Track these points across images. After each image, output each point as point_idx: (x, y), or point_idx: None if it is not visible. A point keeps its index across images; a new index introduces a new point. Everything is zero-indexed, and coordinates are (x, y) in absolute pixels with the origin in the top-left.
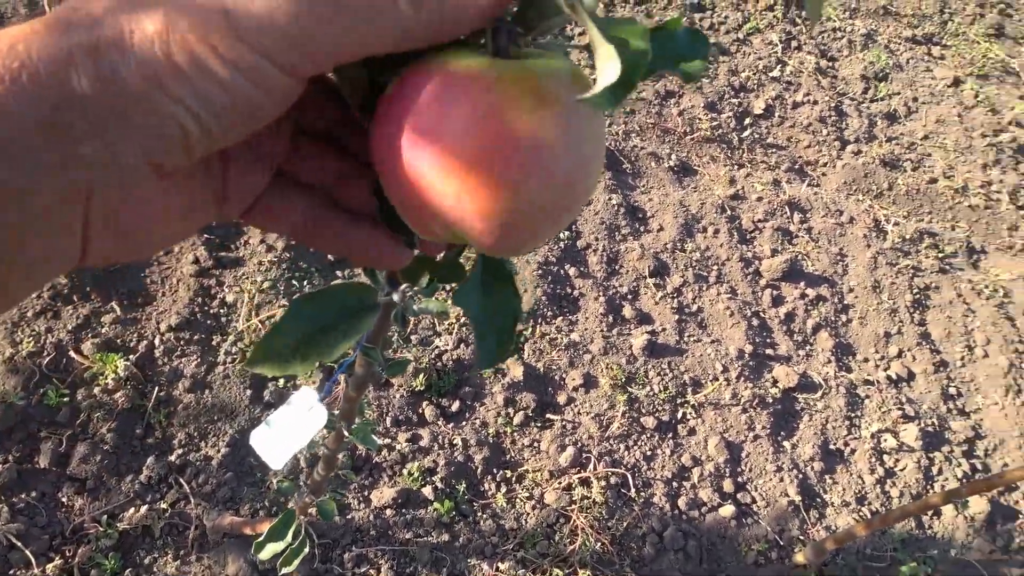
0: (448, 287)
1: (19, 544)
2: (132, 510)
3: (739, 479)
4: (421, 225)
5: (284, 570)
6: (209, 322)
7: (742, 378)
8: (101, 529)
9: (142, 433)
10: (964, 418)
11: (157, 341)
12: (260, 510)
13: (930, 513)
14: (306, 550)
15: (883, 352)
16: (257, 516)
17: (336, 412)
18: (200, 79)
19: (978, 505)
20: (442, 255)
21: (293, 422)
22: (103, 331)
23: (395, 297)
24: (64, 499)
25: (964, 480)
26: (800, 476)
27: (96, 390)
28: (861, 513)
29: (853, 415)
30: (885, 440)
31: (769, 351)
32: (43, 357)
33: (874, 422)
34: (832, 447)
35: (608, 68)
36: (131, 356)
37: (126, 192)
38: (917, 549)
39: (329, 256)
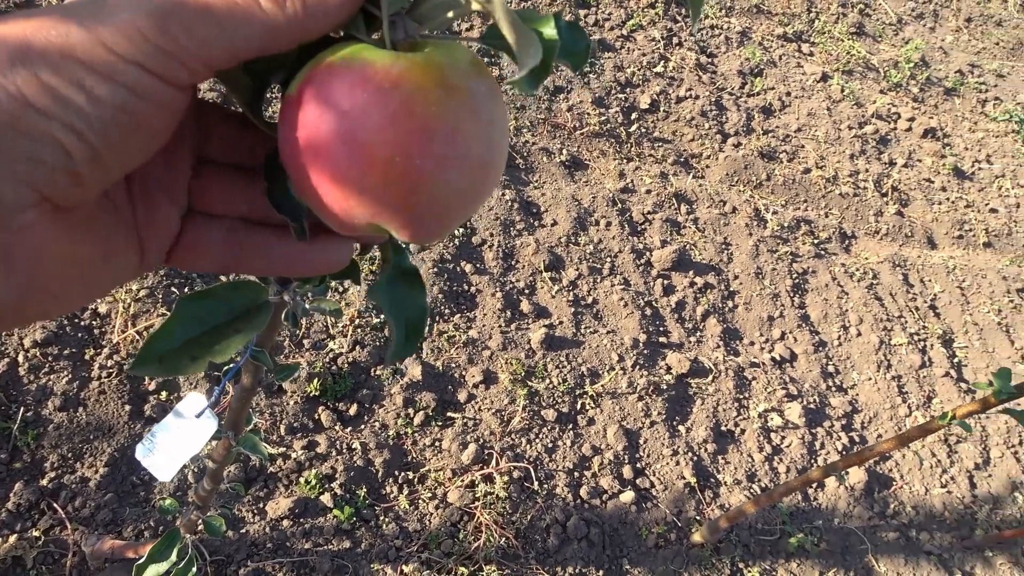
0: (341, 286)
1: None
2: (2, 540)
3: (637, 465)
4: (340, 223)
5: None
6: (80, 335)
7: (637, 366)
8: None
9: (7, 457)
10: (842, 394)
11: (21, 358)
12: (145, 531)
13: (814, 486)
14: (193, 570)
15: (767, 335)
16: (142, 538)
17: (222, 421)
18: (72, 93)
19: (857, 476)
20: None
21: (182, 432)
22: None
23: (286, 297)
24: None
25: (844, 452)
26: (695, 458)
27: None
28: (752, 490)
29: (742, 397)
30: (772, 419)
31: (662, 339)
32: None
33: (761, 402)
34: (723, 428)
35: (531, 53)
36: None
37: (13, 234)
38: (804, 521)
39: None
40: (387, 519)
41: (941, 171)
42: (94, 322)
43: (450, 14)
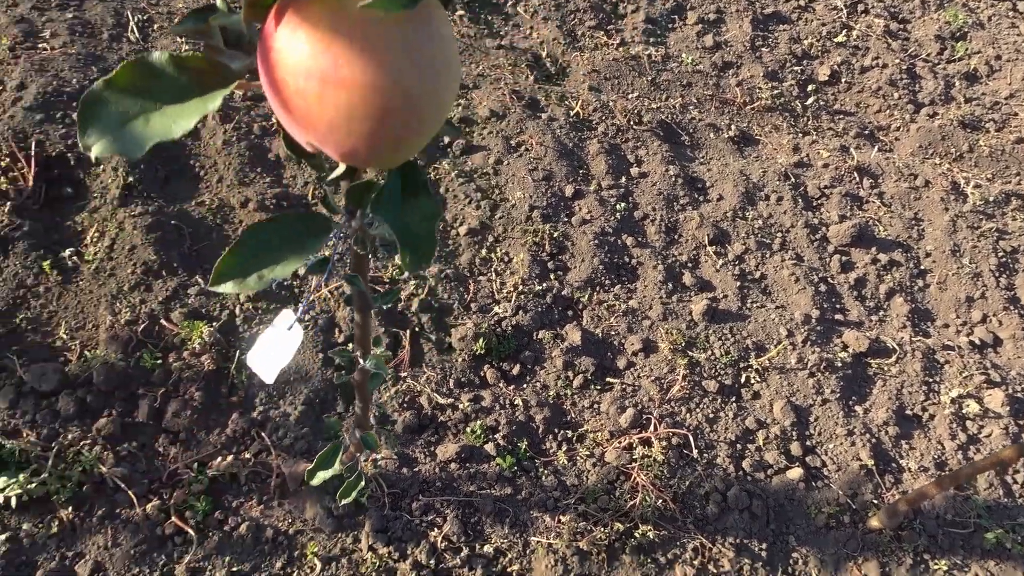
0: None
1: (123, 486)
2: (219, 459)
3: (807, 443)
4: (298, 139)
5: (342, 501)
6: (283, 293)
7: (809, 343)
8: (193, 475)
9: (227, 392)
10: None
11: (238, 310)
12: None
13: (1021, 480)
14: (362, 483)
15: (965, 317)
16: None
17: (350, 345)
18: None
19: None
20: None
21: (277, 342)
22: (190, 302)
23: (354, 224)
24: (160, 449)
25: None
26: (873, 441)
27: (185, 354)
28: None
29: (932, 380)
30: (968, 406)
31: (838, 316)
32: (139, 325)
33: (955, 387)
34: (908, 412)
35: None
36: (215, 323)
37: None
38: (1005, 516)
39: None
40: (546, 471)
41: None
42: (293, 281)
43: None
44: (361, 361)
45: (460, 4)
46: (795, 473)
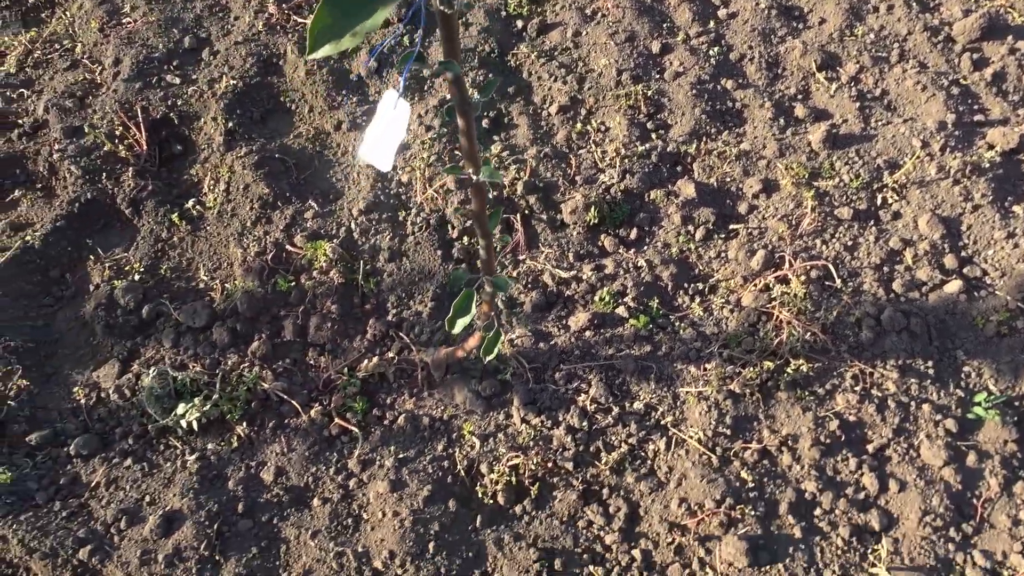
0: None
1: (286, 398)
2: (366, 362)
3: (962, 253)
4: None
5: (487, 358)
6: (392, 201)
7: (948, 149)
8: (345, 379)
9: (359, 301)
10: None
11: (353, 225)
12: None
13: None
14: (502, 337)
15: None
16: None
17: (462, 160)
18: None
19: None
20: None
21: (386, 124)
22: (308, 225)
23: None
24: (311, 361)
25: None
26: None
27: (315, 273)
28: None
29: None
30: None
31: (978, 117)
32: (267, 254)
33: None
34: None
35: None
36: (335, 240)
37: None
38: None
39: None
40: (683, 325)
41: None
42: (400, 190)
43: None
44: (474, 176)
45: None
46: (953, 286)
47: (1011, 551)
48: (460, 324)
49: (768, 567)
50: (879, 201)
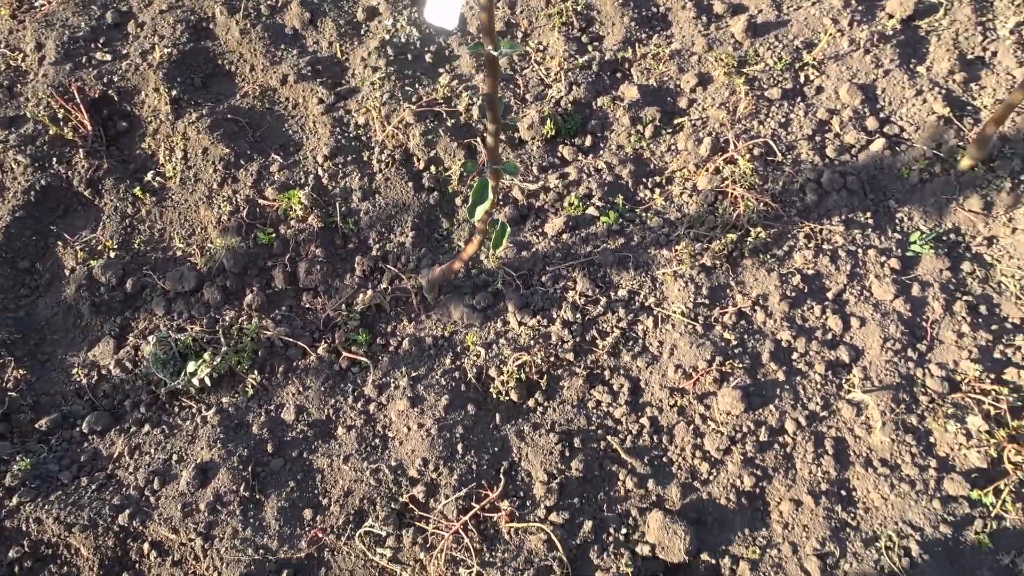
0: None
1: (292, 340)
2: (361, 296)
3: (881, 115)
4: None
5: (497, 251)
6: (354, 143)
7: (854, 24)
8: (344, 315)
9: (342, 242)
10: None
11: (320, 172)
12: (455, 257)
13: None
14: (508, 230)
15: None
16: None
17: (480, 35)
18: None
19: None
20: None
21: None
22: (275, 177)
23: None
24: (307, 304)
25: None
26: (943, 91)
27: (292, 222)
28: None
29: (984, 20)
30: None
31: None
32: (241, 211)
33: (1011, 18)
34: (970, 56)
35: None
36: (306, 188)
37: None
38: None
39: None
40: (649, 215)
41: None
42: (359, 131)
43: None
44: (494, 51)
45: None
46: (878, 144)
47: (960, 359)
48: (480, 210)
49: (761, 409)
50: (802, 79)
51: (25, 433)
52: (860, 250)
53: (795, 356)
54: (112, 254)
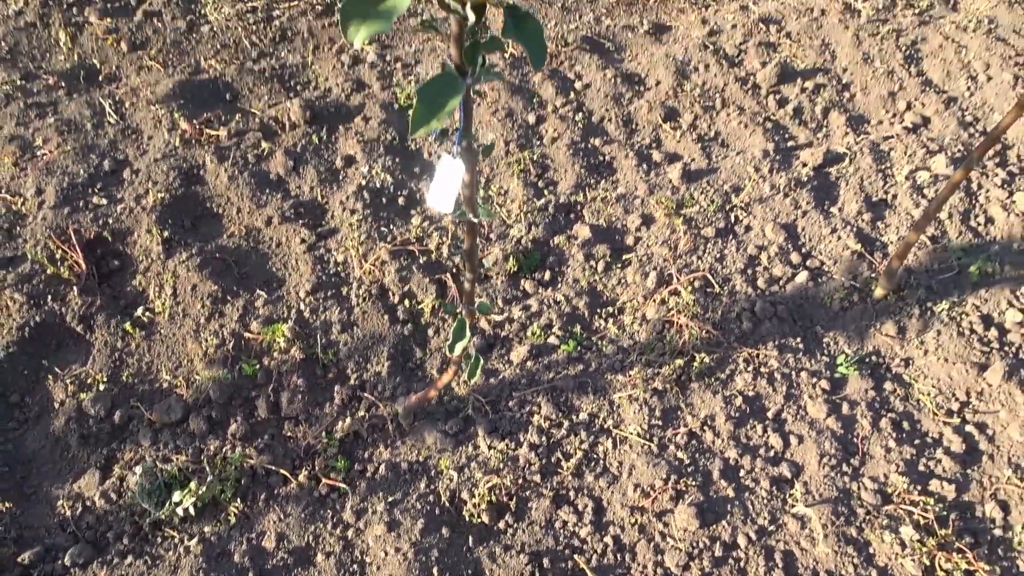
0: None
1: (273, 468)
2: (340, 423)
3: (803, 250)
4: None
5: (471, 381)
6: (333, 279)
7: (774, 171)
8: (324, 443)
9: (322, 372)
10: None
11: (302, 306)
12: (429, 386)
13: (983, 221)
14: (481, 364)
15: (893, 109)
16: (429, 385)
17: (462, 204)
18: None
19: None
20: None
21: (444, 179)
22: (260, 312)
23: (468, 79)
24: (288, 433)
25: (1005, 186)
26: (855, 230)
27: (275, 353)
28: (919, 242)
29: (884, 167)
30: (920, 177)
31: (791, 143)
32: (227, 344)
33: (905, 166)
34: (875, 199)
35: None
36: (289, 322)
37: None
38: (979, 251)
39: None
40: (604, 343)
41: None
42: (339, 268)
43: None
44: (475, 218)
45: None
46: (802, 276)
47: (890, 472)
48: (459, 347)
49: (715, 525)
50: (733, 219)
51: (5, 567)
52: (794, 372)
53: (742, 473)
54: (101, 387)
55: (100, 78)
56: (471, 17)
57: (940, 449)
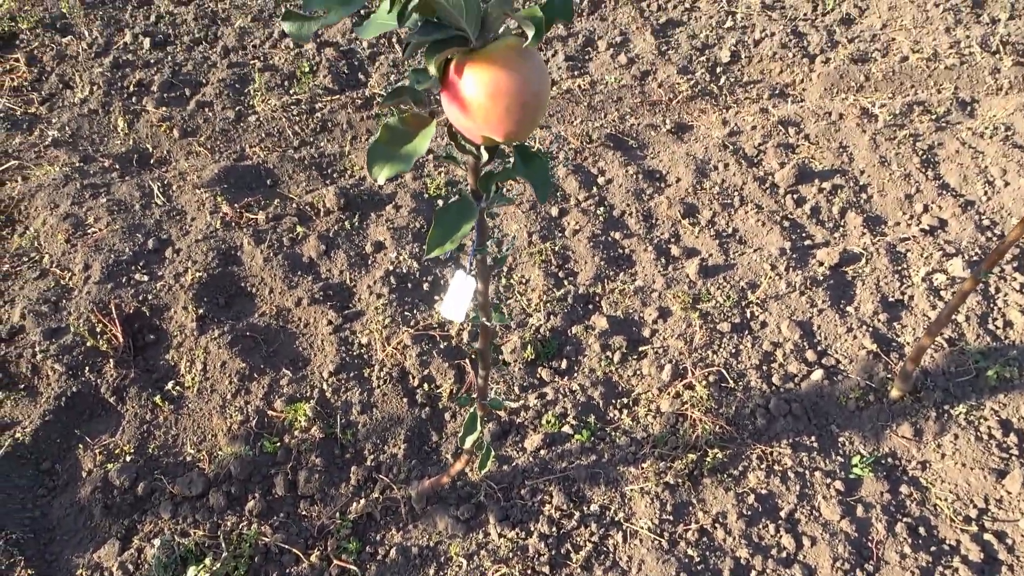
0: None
1: (287, 547)
2: (354, 505)
3: (818, 348)
4: (470, 136)
5: (482, 471)
6: (356, 362)
7: (790, 269)
8: (338, 524)
9: (340, 452)
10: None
11: (325, 386)
12: (443, 470)
13: (1002, 324)
14: (492, 454)
15: (910, 211)
16: (442, 473)
17: (477, 310)
18: None
19: None
20: (499, 168)
21: (457, 292)
22: (284, 390)
23: (482, 204)
24: (303, 512)
25: (1022, 290)
26: (871, 330)
27: (296, 432)
28: (936, 344)
29: (901, 268)
30: (936, 279)
31: (807, 242)
32: (251, 421)
33: (921, 268)
34: (891, 299)
35: (532, 32)
36: (311, 401)
37: None
38: (997, 355)
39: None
40: (617, 434)
41: None
42: (362, 351)
43: (502, 24)
44: (489, 323)
45: None
46: (817, 374)
47: None
48: (470, 440)
49: None
50: (748, 315)
51: None
52: (808, 472)
53: (753, 574)
54: (128, 458)
55: (152, 162)
56: (485, 156)
57: (957, 557)
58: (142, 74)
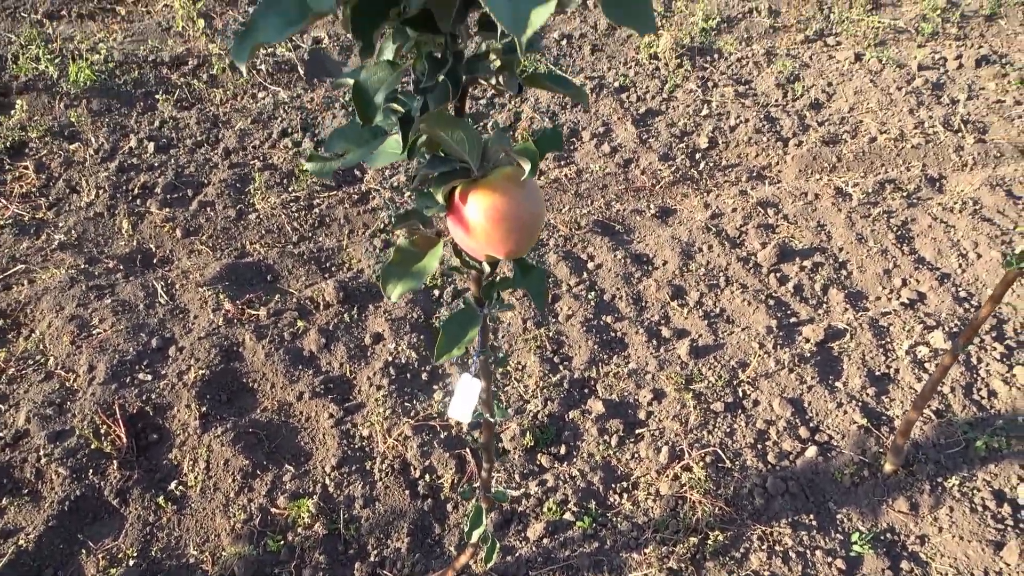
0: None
1: None
2: None
3: (811, 424)
4: (474, 255)
5: (488, 565)
6: (358, 454)
7: (778, 347)
8: None
9: (343, 548)
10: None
11: (327, 480)
12: (447, 563)
13: (986, 394)
14: (498, 546)
15: (889, 286)
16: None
17: (478, 409)
18: None
19: None
20: (499, 279)
21: (463, 394)
22: (287, 487)
23: (485, 311)
24: None
25: (1003, 359)
26: (860, 404)
27: (299, 528)
28: (924, 416)
29: (884, 342)
30: (920, 351)
31: (793, 319)
32: (254, 519)
33: (904, 341)
34: (877, 373)
35: (528, 165)
36: (314, 497)
37: None
38: (984, 425)
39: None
40: (619, 520)
41: (1009, 89)
42: (363, 443)
43: (500, 155)
44: (492, 418)
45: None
46: (811, 451)
47: None
48: (476, 534)
49: None
50: (740, 394)
51: None
52: (808, 551)
53: None
54: (131, 562)
55: (155, 261)
56: (487, 269)
57: None
58: (146, 177)
